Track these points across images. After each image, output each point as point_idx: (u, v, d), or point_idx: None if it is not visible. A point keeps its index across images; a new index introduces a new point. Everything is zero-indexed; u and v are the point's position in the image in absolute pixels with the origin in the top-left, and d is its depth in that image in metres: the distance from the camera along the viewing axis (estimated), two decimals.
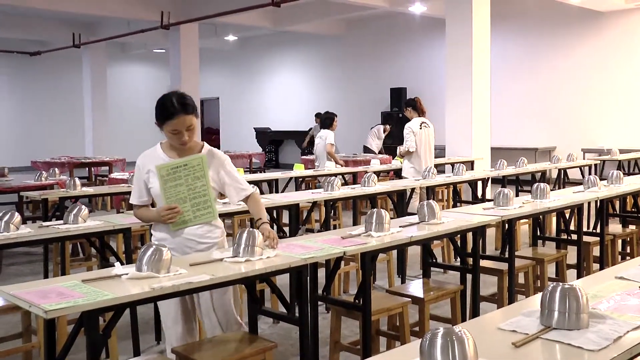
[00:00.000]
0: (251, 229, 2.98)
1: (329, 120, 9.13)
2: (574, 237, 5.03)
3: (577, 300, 2.00)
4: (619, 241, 5.79)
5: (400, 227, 3.74)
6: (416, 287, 3.96)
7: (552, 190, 5.35)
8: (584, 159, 11.09)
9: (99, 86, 17.67)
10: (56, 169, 8.19)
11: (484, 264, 4.34)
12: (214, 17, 12.92)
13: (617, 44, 12.49)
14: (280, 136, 18.83)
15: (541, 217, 5.51)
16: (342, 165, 9.10)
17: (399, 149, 7.83)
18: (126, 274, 2.60)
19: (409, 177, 7.35)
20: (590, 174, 8.82)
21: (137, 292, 2.42)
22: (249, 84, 20.06)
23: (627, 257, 5.84)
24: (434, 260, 4.42)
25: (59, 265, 5.26)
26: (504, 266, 4.36)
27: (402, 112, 15.20)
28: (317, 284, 3.38)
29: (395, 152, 11.16)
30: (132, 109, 20.95)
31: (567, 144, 12.58)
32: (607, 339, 1.90)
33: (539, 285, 4.74)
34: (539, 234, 5.39)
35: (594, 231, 5.42)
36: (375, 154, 12.10)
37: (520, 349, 1.87)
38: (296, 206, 5.32)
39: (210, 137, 22.15)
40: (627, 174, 9.85)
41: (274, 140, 19.06)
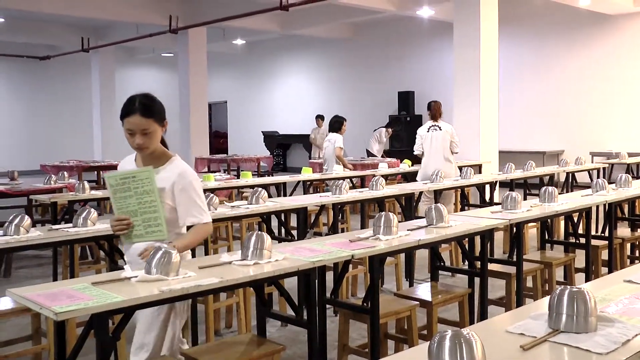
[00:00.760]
0: (259, 232, 2.99)
1: (338, 124, 9.04)
2: (582, 240, 5.02)
3: (585, 303, 2.00)
4: (628, 245, 5.77)
5: (408, 230, 3.74)
6: (424, 291, 3.96)
7: (560, 193, 5.34)
8: (592, 162, 11.07)
9: (108, 90, 17.78)
10: (65, 173, 8.22)
11: (492, 267, 4.33)
12: (222, 21, 12.98)
13: (625, 47, 12.46)
14: (288, 140, 18.84)
15: (549, 220, 5.50)
16: (351, 169, 9.07)
17: None
18: (135, 277, 2.62)
19: (418, 180, 7.38)
20: (598, 177, 8.79)
21: (146, 294, 2.44)
22: (257, 88, 20.10)
23: (636, 261, 5.82)
24: (442, 263, 4.41)
25: (68, 268, 5.29)
26: (512, 270, 4.35)
27: (410, 115, 15.28)
28: (325, 287, 3.39)
29: (403, 156, 11.20)
30: None
31: (576, 148, 12.55)
32: (616, 343, 1.89)
33: (547, 289, 4.73)
34: (547, 237, 5.38)
35: (603, 235, 5.40)
36: (376, 158, 12.09)
37: (528, 352, 1.87)
38: (304, 209, 5.33)
39: (218, 140, 22.21)
40: (636, 177, 9.83)
41: (281, 143, 19.08)
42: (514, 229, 4.47)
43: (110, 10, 13.10)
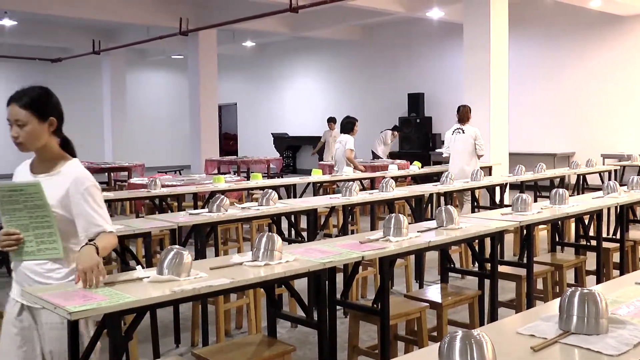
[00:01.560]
0: (270, 234, 3.00)
1: (350, 125, 8.80)
2: (594, 243, 5.00)
3: (596, 305, 2.00)
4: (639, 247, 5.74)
5: (418, 232, 3.75)
6: (434, 292, 3.96)
7: (571, 196, 5.32)
8: (604, 164, 11.00)
9: (119, 92, 17.86)
10: None
11: (502, 269, 4.33)
12: (232, 23, 13.03)
13: (637, 48, 12.39)
14: (297, 142, 18.85)
15: (560, 222, 5.48)
16: (363, 170, 8.98)
17: None
18: (147, 277, 2.64)
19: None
20: (609, 179, 8.76)
21: (158, 295, 2.46)
22: (267, 90, 20.14)
23: None
24: (452, 265, 4.41)
25: None
26: (522, 272, 4.34)
27: (420, 117, 15.26)
28: (335, 288, 3.40)
29: (412, 157, 11.19)
30: (151, 114, 21.16)
31: (587, 150, 12.48)
32: (627, 344, 1.89)
33: (557, 291, 4.71)
34: (557, 239, 5.36)
35: (614, 237, 5.37)
36: (381, 159, 12.07)
37: (539, 353, 1.87)
38: (314, 211, 5.35)
39: (228, 142, 22.26)
40: None
41: (291, 145, 19.09)
42: (524, 231, 4.46)
43: (121, 12, 13.18)
